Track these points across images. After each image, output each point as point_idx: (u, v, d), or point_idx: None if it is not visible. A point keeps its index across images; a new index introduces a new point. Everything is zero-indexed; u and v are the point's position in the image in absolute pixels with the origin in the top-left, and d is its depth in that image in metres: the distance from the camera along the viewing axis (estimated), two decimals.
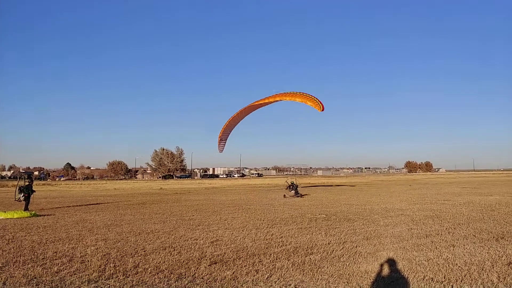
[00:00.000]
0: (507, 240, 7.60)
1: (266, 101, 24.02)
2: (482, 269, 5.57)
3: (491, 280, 5.03)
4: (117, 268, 6.01)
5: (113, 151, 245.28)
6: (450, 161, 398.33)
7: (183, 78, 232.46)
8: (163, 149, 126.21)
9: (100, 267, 6.03)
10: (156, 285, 5.15)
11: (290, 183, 23.79)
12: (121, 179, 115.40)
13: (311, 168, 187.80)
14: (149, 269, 5.95)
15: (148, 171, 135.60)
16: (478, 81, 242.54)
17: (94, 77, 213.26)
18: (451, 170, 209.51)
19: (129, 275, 5.63)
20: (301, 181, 29.95)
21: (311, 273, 5.60)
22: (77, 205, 18.53)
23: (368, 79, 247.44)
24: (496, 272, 5.42)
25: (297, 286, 5.00)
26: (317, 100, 21.08)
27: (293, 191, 22.65)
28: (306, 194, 24.55)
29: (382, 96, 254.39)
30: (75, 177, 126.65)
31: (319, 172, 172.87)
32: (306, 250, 7.16)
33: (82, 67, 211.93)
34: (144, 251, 7.27)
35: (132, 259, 6.60)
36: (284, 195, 22.81)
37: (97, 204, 19.38)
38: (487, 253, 6.58)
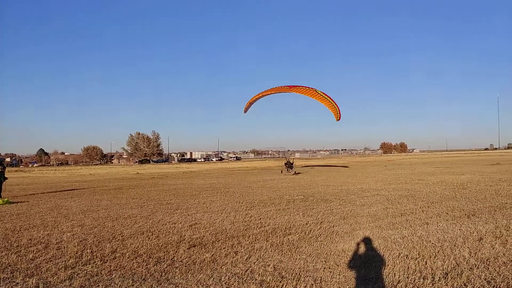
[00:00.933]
0: (478, 217, 7.85)
1: (290, 91, 24.01)
2: (455, 245, 5.75)
3: (463, 256, 5.20)
4: (95, 253, 5.94)
5: (88, 136, 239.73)
6: (424, 142, 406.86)
7: (157, 61, 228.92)
8: (139, 134, 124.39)
9: (77, 253, 5.93)
10: (134, 269, 5.11)
11: (286, 162, 28.66)
12: (97, 164, 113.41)
13: (289, 150, 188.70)
14: (127, 253, 5.90)
15: (124, 156, 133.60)
16: (451, 65, 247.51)
17: (67, 61, 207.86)
18: (425, 150, 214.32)
19: (107, 260, 5.57)
20: (301, 163, 31.29)
21: (290, 253, 5.67)
22: (51, 192, 18.10)
23: (343, 60, 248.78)
24: (468, 247, 5.60)
25: (275, 266, 5.05)
26: (338, 110, 22.15)
27: (290, 169, 27.26)
28: (300, 173, 27.18)
29: (356, 79, 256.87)
30: (49, 163, 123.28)
31: (297, 155, 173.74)
32: (285, 231, 7.23)
33: (53, 51, 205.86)
34: (121, 236, 7.19)
35: (109, 244, 6.52)
36: (281, 170, 28.02)
37: (72, 190, 18.97)
38: (459, 229, 6.79)
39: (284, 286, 4.38)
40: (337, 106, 22.47)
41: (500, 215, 7.94)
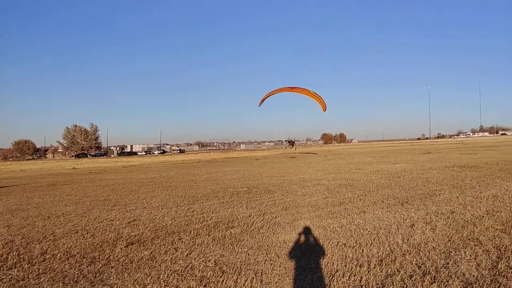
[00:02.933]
0: (410, 204, 8.29)
1: (292, 91, 28.74)
2: (389, 232, 6.02)
3: (396, 242, 5.46)
4: (22, 256, 5.56)
5: (18, 129, 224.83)
6: (362, 132, 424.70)
7: (93, 50, 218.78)
8: (76, 126, 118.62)
9: (1, 256, 5.52)
10: (66, 271, 4.83)
11: (289, 140, 35.94)
12: (29, 159, 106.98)
13: (234, 142, 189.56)
14: (59, 254, 5.57)
15: (59, 150, 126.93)
16: (385, 60, 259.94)
17: None
18: (363, 140, 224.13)
19: (35, 263, 5.23)
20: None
21: (231, 247, 5.64)
22: None
23: (292, 53, 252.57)
24: (401, 234, 5.89)
25: (217, 261, 5.00)
26: (324, 104, 26.67)
27: (291, 146, 34.97)
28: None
29: (300, 72, 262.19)
30: None
31: (242, 146, 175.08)
32: (227, 224, 7.19)
33: None
34: (53, 236, 6.78)
35: (39, 245, 6.13)
36: (285, 147, 37.80)
37: None
38: (393, 217, 7.12)
39: (224, 281, 4.35)
40: (323, 101, 26.99)
41: (430, 202, 8.43)
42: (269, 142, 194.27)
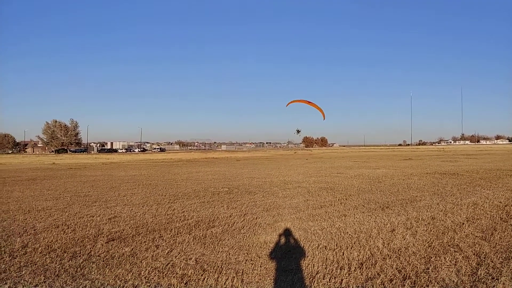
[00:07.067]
0: (391, 209, 8.30)
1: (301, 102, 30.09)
2: (370, 236, 6.00)
3: (377, 246, 5.43)
4: (3, 249, 5.40)
5: None
6: (343, 136, 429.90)
7: (76, 47, 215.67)
8: (56, 121, 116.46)
9: None
10: (47, 265, 4.70)
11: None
12: (8, 153, 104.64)
13: (215, 143, 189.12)
14: (40, 248, 5.42)
15: (39, 145, 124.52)
16: (370, 68, 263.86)
17: None
18: (344, 145, 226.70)
19: (17, 256, 5.09)
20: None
21: (212, 246, 5.54)
22: None
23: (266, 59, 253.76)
24: (381, 238, 5.87)
25: (197, 260, 4.90)
26: (322, 112, 28.75)
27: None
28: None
29: (279, 76, 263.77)
30: None
31: (223, 147, 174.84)
32: (208, 224, 7.08)
33: None
34: (34, 230, 6.61)
35: (20, 239, 5.97)
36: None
37: None
38: (374, 221, 7.11)
39: (205, 279, 4.25)
40: (323, 112, 29.11)
41: (411, 208, 8.46)
42: (250, 143, 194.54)
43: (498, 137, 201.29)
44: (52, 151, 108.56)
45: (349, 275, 4.33)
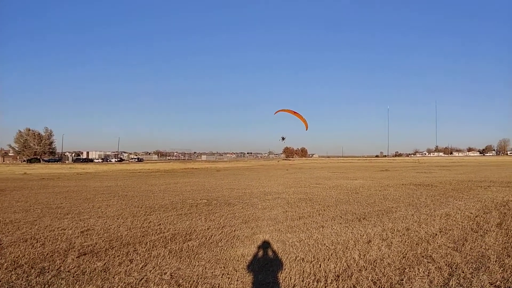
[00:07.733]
0: (367, 220, 8.43)
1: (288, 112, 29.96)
2: (346, 248, 6.08)
3: (353, 258, 5.50)
4: None
5: None
6: (323, 147, 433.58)
7: (49, 52, 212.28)
8: (29, 130, 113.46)
9: None
10: (12, 282, 4.54)
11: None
12: None
13: (195, 153, 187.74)
14: (5, 264, 5.25)
15: (10, 154, 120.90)
16: (346, 79, 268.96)
17: None
18: (324, 156, 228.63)
19: None
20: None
21: (188, 260, 5.49)
22: None
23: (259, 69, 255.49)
24: (358, 250, 5.96)
25: (172, 274, 4.85)
26: (306, 123, 28.69)
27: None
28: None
29: (261, 86, 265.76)
30: None
31: (203, 157, 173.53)
32: (185, 237, 7.02)
33: None
34: (0, 245, 6.41)
35: None
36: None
37: None
38: (351, 232, 7.21)
39: None
40: (306, 123, 29.04)
41: (386, 219, 8.62)
42: (230, 153, 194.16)
43: (469, 149, 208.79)
44: (24, 161, 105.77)
45: (325, 287, 4.38)
